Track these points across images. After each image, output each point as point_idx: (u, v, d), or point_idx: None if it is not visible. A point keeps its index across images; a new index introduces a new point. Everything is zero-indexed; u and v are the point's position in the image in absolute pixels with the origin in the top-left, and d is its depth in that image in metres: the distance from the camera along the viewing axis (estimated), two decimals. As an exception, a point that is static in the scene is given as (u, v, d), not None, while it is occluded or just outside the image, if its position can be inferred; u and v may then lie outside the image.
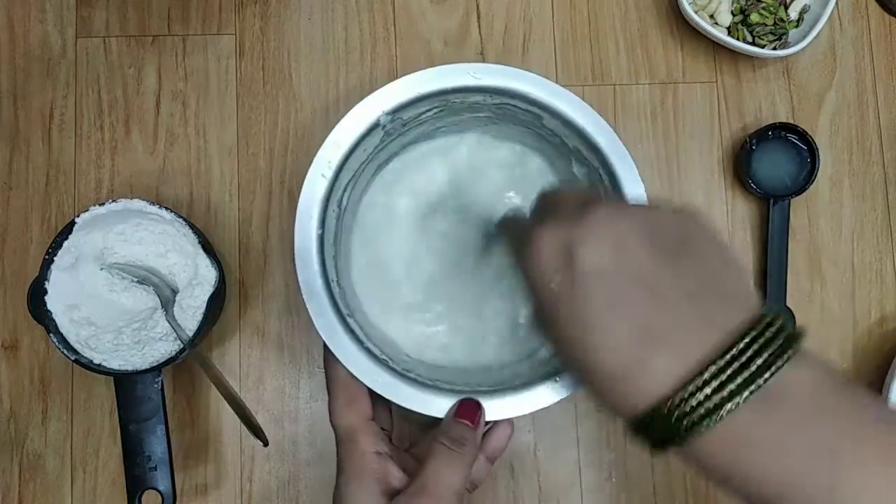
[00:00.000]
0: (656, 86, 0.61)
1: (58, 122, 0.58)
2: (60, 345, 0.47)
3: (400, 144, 0.52)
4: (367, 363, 0.44)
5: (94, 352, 0.47)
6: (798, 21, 0.59)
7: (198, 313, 0.49)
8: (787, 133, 0.58)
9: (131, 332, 0.47)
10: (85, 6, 0.59)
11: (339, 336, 0.44)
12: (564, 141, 0.49)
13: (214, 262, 0.50)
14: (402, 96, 0.46)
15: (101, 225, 0.49)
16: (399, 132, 0.49)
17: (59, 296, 0.47)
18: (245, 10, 0.60)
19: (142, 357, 0.48)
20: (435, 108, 0.48)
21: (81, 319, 0.47)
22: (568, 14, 0.61)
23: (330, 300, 0.44)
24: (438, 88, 0.46)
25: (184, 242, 0.50)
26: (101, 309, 0.48)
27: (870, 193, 0.60)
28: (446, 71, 0.46)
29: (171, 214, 0.50)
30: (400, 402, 0.43)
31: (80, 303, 0.48)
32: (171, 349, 0.48)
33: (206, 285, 0.50)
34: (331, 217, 0.46)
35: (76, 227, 0.49)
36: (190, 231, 0.50)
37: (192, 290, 0.49)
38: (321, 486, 0.55)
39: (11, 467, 0.54)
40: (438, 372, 0.51)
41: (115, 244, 0.49)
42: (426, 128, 0.51)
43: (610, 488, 0.56)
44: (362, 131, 0.46)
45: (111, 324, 0.47)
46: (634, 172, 0.47)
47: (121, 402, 0.48)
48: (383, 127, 0.47)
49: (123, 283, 0.48)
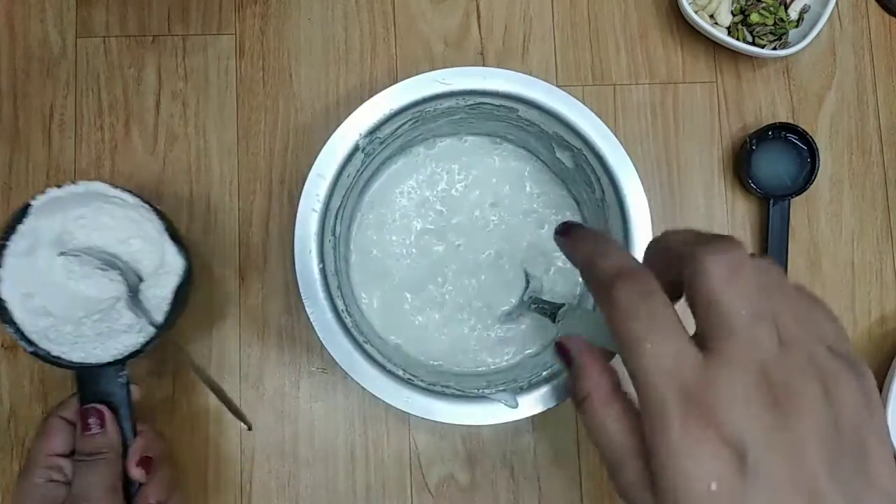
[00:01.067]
0: (656, 86, 0.61)
1: (58, 122, 0.58)
2: (16, 335, 0.44)
3: (380, 160, 0.53)
4: (393, 385, 0.45)
5: (53, 343, 0.44)
6: (798, 21, 0.59)
7: (163, 304, 0.46)
8: (787, 133, 0.58)
9: (92, 324, 0.44)
10: (85, 6, 0.59)
11: (359, 363, 0.45)
12: (543, 129, 0.49)
13: (182, 249, 0.47)
14: (376, 116, 0.46)
15: (59, 208, 0.45)
16: (377, 151, 0.50)
17: (15, 283, 0.44)
18: (245, 10, 0.60)
19: (104, 350, 0.45)
20: (409, 120, 0.48)
21: (38, 309, 0.44)
22: (568, 14, 0.61)
23: (344, 331, 0.45)
24: (410, 101, 0.46)
25: (149, 228, 0.47)
26: (60, 298, 0.45)
27: (870, 193, 0.60)
28: (414, 83, 0.47)
29: (134, 199, 0.46)
30: (436, 419, 0.45)
31: (37, 291, 0.44)
32: (136, 341, 0.45)
33: (173, 274, 0.47)
34: (328, 248, 0.47)
35: (32, 211, 0.45)
36: (155, 216, 0.47)
37: (158, 280, 0.46)
38: (321, 486, 0.55)
39: (11, 467, 0.54)
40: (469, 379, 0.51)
41: (74, 229, 0.45)
42: (402, 140, 0.52)
43: (610, 488, 0.56)
44: (343, 158, 0.46)
45: (71, 314, 0.44)
46: (619, 148, 0.47)
47: (83, 396, 0.46)
48: (362, 150, 0.47)
49: (84, 270, 0.45)
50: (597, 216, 0.52)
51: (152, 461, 0.44)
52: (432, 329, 0.53)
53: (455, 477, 0.56)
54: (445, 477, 0.56)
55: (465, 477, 0.56)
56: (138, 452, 0.44)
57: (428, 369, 0.52)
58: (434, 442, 0.56)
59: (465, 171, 0.55)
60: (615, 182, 0.47)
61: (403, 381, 0.45)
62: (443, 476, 0.56)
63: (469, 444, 0.56)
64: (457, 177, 0.55)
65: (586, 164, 0.49)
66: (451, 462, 0.56)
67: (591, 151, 0.47)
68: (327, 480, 0.56)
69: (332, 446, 0.56)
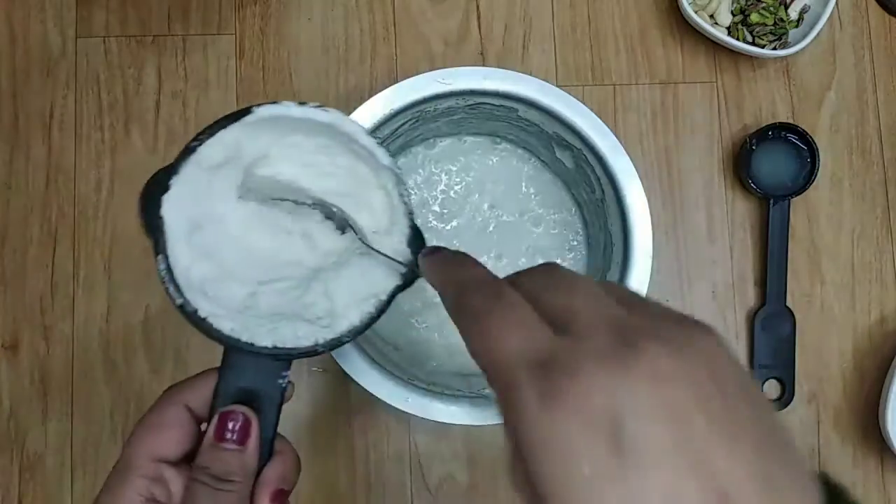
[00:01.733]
0: (656, 86, 0.60)
1: (58, 122, 0.58)
2: (165, 274, 0.31)
3: None
4: (393, 385, 0.45)
5: (208, 301, 0.31)
6: (798, 21, 0.59)
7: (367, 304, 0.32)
8: (787, 133, 0.58)
9: (274, 294, 0.31)
10: (85, 6, 0.59)
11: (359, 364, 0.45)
12: (543, 129, 0.49)
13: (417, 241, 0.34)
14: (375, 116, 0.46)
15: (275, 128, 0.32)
16: None
17: (184, 203, 0.31)
18: (245, 10, 0.60)
19: (269, 333, 0.31)
20: (408, 120, 0.48)
21: (202, 248, 0.31)
22: (568, 14, 0.61)
23: None
24: (410, 101, 0.46)
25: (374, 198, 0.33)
26: (236, 246, 0.32)
27: (870, 193, 0.60)
28: (414, 83, 0.46)
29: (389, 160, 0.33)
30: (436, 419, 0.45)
31: (209, 224, 0.31)
32: (316, 338, 0.32)
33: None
34: None
35: (247, 120, 0.32)
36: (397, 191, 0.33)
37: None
38: (321, 486, 0.55)
39: (11, 467, 0.54)
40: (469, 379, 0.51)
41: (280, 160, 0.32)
42: (402, 140, 0.52)
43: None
44: None
45: (245, 272, 0.31)
46: (619, 148, 0.47)
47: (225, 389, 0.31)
48: None
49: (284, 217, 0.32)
50: (597, 216, 0.52)
51: (286, 495, 0.32)
52: (432, 329, 0.53)
53: (455, 477, 0.56)
54: (445, 477, 0.56)
55: (465, 477, 0.56)
56: (275, 483, 0.31)
57: (428, 370, 0.52)
58: (434, 442, 0.56)
59: (464, 173, 0.55)
60: (615, 182, 0.47)
61: (403, 381, 0.46)
62: (443, 476, 0.56)
63: (469, 444, 0.56)
64: (455, 178, 0.55)
65: (586, 164, 0.49)
66: (451, 462, 0.56)
67: (590, 151, 0.47)
68: (327, 481, 0.56)
69: (332, 446, 0.56)
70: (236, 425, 0.30)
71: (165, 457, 0.29)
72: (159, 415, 0.30)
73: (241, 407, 0.30)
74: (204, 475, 0.29)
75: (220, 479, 0.29)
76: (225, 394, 0.31)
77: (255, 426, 0.30)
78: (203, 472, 0.29)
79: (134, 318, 0.56)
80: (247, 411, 0.30)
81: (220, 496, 0.29)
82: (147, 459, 0.29)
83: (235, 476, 0.29)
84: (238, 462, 0.29)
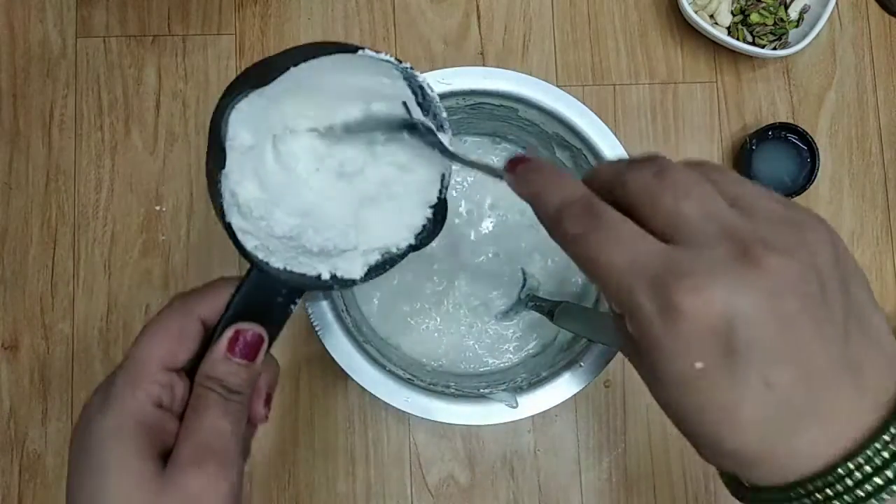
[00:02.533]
0: (656, 86, 0.60)
1: (58, 122, 0.58)
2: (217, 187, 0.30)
3: None
4: (393, 385, 0.45)
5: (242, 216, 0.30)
6: (798, 21, 0.59)
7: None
8: (787, 133, 0.58)
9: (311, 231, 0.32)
10: (85, 6, 0.59)
11: (359, 363, 0.45)
12: (543, 129, 0.50)
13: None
14: None
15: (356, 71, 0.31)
16: None
17: (251, 118, 0.29)
18: (245, 10, 0.60)
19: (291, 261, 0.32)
20: None
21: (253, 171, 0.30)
22: (568, 14, 0.61)
23: (344, 330, 0.45)
24: None
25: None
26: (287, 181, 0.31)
27: (870, 193, 0.60)
28: None
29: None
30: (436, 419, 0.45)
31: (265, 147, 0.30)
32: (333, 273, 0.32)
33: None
34: None
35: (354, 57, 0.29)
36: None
37: None
38: (321, 486, 0.55)
39: (11, 467, 0.54)
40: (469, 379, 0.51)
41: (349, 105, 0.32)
42: None
43: (610, 488, 0.56)
44: None
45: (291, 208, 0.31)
46: (619, 148, 0.47)
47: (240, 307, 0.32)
48: None
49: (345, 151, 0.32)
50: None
51: (271, 398, 0.34)
52: (431, 329, 0.53)
53: (455, 477, 0.56)
54: (445, 477, 0.56)
55: (465, 477, 0.56)
56: (265, 390, 0.33)
57: (428, 369, 0.52)
58: (434, 442, 0.56)
59: (465, 172, 0.55)
60: None
61: (403, 381, 0.46)
62: (443, 476, 0.56)
63: (469, 444, 0.56)
64: (456, 178, 0.55)
65: (586, 164, 0.49)
66: (451, 462, 0.56)
67: (590, 151, 0.47)
68: (327, 480, 0.56)
69: (332, 446, 0.56)
70: (249, 342, 0.30)
71: (175, 366, 0.30)
72: (175, 324, 0.30)
73: (256, 325, 0.31)
74: (216, 385, 0.30)
75: (231, 391, 0.30)
76: (238, 309, 0.31)
77: (265, 344, 0.31)
78: (215, 383, 0.30)
79: (134, 319, 0.56)
80: (260, 330, 0.31)
81: (229, 405, 0.30)
82: (159, 366, 0.29)
83: (244, 388, 0.30)
84: (247, 376, 0.31)
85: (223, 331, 0.30)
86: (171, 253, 0.57)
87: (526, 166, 0.27)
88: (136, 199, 0.58)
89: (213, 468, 0.28)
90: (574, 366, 0.46)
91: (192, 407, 0.30)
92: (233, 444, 0.29)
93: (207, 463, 0.28)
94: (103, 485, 0.28)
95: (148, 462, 0.28)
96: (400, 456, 0.56)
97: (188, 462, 0.28)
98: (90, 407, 0.29)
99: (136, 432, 0.28)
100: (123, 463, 0.28)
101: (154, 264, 0.57)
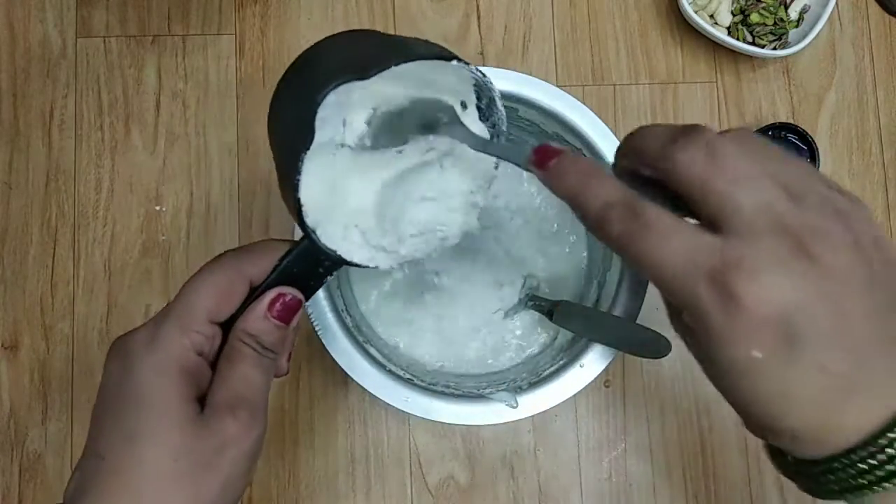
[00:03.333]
0: (656, 86, 0.60)
1: (58, 122, 0.58)
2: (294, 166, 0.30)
3: None
4: (393, 385, 0.45)
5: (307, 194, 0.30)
6: (798, 21, 0.59)
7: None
8: (787, 133, 0.58)
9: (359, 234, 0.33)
10: (85, 6, 0.59)
11: (359, 363, 0.45)
12: (543, 129, 0.50)
13: None
14: None
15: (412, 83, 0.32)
16: None
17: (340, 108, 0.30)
18: (245, 10, 0.60)
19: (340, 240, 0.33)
20: None
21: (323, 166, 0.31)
22: (568, 14, 0.61)
23: (344, 330, 0.45)
24: None
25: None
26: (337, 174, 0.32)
27: (870, 193, 0.60)
28: None
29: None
30: (436, 419, 0.45)
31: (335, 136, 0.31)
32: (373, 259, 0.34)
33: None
34: None
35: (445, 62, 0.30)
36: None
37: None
38: (321, 486, 0.55)
39: (11, 467, 0.54)
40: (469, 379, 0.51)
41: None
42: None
43: (610, 488, 0.56)
44: None
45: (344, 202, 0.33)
46: (613, 140, 0.47)
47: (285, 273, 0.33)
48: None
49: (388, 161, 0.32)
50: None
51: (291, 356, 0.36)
52: (431, 329, 0.53)
53: (455, 477, 0.56)
54: (445, 477, 0.56)
55: (465, 477, 0.56)
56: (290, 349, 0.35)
57: (428, 369, 0.52)
58: (434, 442, 0.56)
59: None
60: None
61: (403, 381, 0.46)
62: (443, 476, 0.56)
63: (469, 444, 0.56)
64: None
65: None
66: (451, 462, 0.56)
67: (590, 151, 0.47)
68: (327, 480, 0.56)
69: (332, 446, 0.56)
70: (288, 305, 0.32)
71: (219, 319, 0.31)
72: (226, 279, 0.31)
73: (296, 291, 0.32)
74: (253, 342, 0.31)
75: (266, 349, 0.31)
76: (284, 273, 0.33)
77: (301, 311, 0.33)
78: (252, 339, 0.31)
79: (134, 319, 0.56)
80: (300, 296, 0.32)
81: (262, 360, 0.31)
82: (205, 318, 0.30)
83: (276, 347, 0.32)
84: (282, 336, 0.32)
85: (266, 291, 0.32)
86: (171, 253, 0.57)
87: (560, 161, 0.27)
88: (136, 199, 0.58)
89: (246, 415, 0.29)
90: (574, 366, 0.46)
91: (228, 357, 0.31)
92: (263, 396, 0.31)
93: (241, 410, 0.29)
94: (144, 419, 0.28)
95: (188, 404, 0.29)
96: (400, 456, 0.56)
97: (223, 408, 0.29)
98: (133, 342, 0.30)
99: (180, 374, 0.29)
100: (166, 401, 0.28)
101: (154, 264, 0.57)
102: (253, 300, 0.31)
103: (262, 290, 0.32)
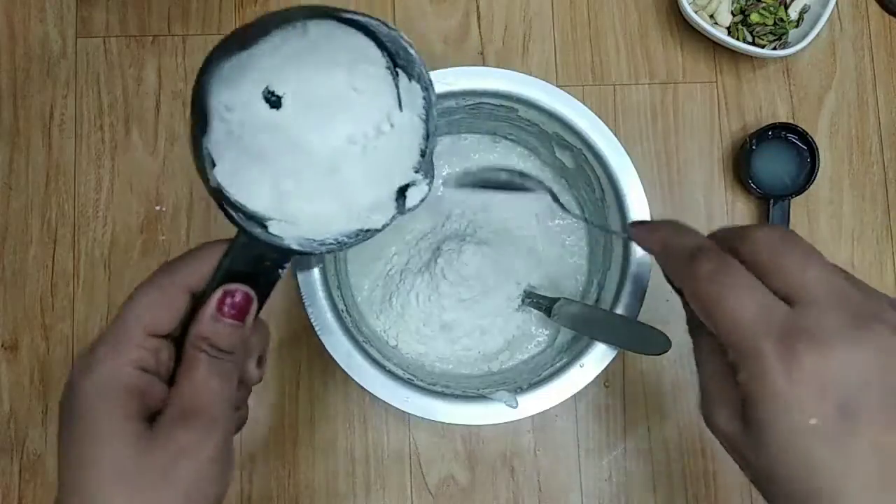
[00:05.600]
0: (656, 86, 0.60)
1: (58, 122, 0.58)
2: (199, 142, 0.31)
3: None
4: (393, 385, 0.45)
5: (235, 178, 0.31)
6: (798, 21, 0.59)
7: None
8: (787, 133, 0.58)
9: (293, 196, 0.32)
10: (85, 6, 0.59)
11: (359, 363, 0.45)
12: (543, 129, 0.50)
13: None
14: None
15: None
16: None
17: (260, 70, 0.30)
18: (245, 10, 0.60)
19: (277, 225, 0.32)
20: None
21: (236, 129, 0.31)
22: (568, 14, 0.61)
23: (343, 330, 0.45)
24: None
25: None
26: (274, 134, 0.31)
27: (870, 193, 0.60)
28: None
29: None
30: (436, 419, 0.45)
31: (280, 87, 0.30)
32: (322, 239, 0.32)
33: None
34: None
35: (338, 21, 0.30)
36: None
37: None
38: (321, 486, 0.55)
39: (11, 467, 0.54)
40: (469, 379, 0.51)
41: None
42: None
43: (610, 488, 0.56)
44: None
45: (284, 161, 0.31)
46: (619, 148, 0.47)
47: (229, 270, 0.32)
48: None
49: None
50: (597, 215, 0.52)
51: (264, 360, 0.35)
52: (430, 329, 0.53)
53: (455, 477, 0.56)
54: (445, 477, 0.56)
55: (465, 477, 0.56)
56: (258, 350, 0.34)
57: (427, 369, 0.52)
58: (434, 442, 0.56)
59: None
60: (615, 182, 0.47)
61: (403, 381, 0.46)
62: (443, 476, 0.56)
63: (469, 444, 0.56)
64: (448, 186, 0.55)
65: (586, 164, 0.49)
66: (451, 462, 0.56)
67: (590, 151, 0.47)
68: (327, 480, 0.56)
69: (332, 446, 0.56)
70: (237, 302, 0.31)
71: (160, 331, 0.30)
72: (159, 291, 0.31)
73: (244, 286, 0.31)
74: (204, 345, 0.30)
75: (222, 351, 0.30)
76: (226, 273, 0.31)
77: (254, 305, 0.31)
78: (204, 342, 0.30)
79: (134, 318, 0.56)
80: (248, 290, 0.31)
81: (218, 365, 0.30)
82: (143, 332, 0.30)
83: (235, 349, 0.31)
84: (238, 336, 0.31)
85: (212, 293, 0.30)
86: (171, 253, 0.57)
87: (653, 222, 0.32)
88: (136, 199, 0.58)
89: (200, 425, 0.28)
90: (574, 366, 0.46)
91: (182, 368, 0.30)
92: (220, 403, 0.30)
93: (194, 420, 0.28)
94: (89, 444, 0.28)
95: (134, 422, 0.28)
96: (400, 456, 0.56)
97: (175, 419, 0.28)
98: (75, 371, 0.29)
99: (120, 394, 0.28)
100: (109, 423, 0.28)
101: (154, 264, 0.57)
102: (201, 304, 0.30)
103: (209, 292, 0.31)
